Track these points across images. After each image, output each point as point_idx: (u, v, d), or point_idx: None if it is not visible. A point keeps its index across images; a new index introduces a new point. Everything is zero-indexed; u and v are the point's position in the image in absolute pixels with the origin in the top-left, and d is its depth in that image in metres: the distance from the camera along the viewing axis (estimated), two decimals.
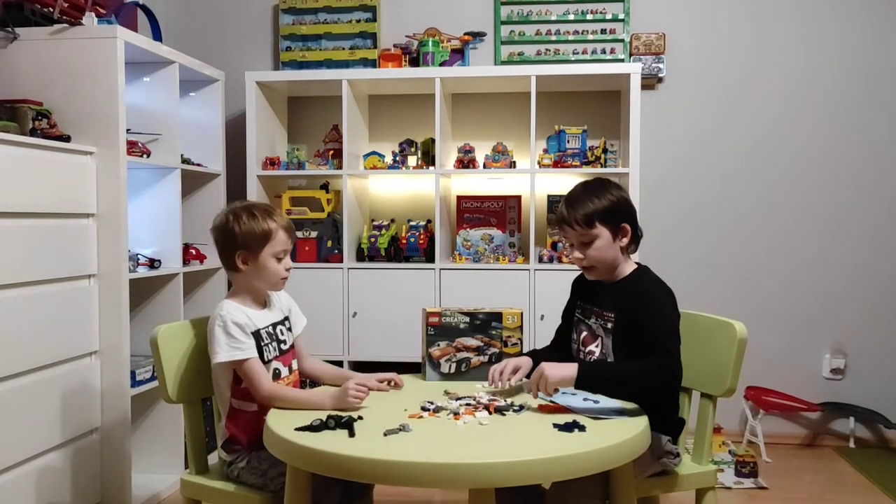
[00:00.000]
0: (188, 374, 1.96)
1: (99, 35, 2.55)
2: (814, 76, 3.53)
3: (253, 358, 1.86)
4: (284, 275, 1.96)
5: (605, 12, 3.59)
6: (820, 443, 3.56)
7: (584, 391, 1.82)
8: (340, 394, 1.78)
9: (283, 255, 1.95)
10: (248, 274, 1.94)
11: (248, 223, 1.91)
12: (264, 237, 1.91)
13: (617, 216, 1.90)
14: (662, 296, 1.87)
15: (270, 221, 1.92)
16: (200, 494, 1.91)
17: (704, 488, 1.95)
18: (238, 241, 1.91)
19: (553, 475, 1.48)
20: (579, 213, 1.88)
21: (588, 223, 1.88)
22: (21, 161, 2.22)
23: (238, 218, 1.92)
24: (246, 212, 1.93)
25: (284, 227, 1.95)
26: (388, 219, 3.52)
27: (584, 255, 1.91)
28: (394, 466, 1.43)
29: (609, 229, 1.89)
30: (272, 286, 1.99)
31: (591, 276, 1.97)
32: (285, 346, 2.00)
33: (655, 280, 1.92)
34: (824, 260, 3.56)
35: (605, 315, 1.94)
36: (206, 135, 3.29)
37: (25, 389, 2.23)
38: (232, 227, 1.92)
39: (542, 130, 3.40)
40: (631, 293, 1.89)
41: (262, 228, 1.91)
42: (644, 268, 1.97)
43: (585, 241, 1.90)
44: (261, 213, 1.94)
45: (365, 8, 3.64)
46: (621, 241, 1.91)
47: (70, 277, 2.45)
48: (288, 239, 1.96)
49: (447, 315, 2.14)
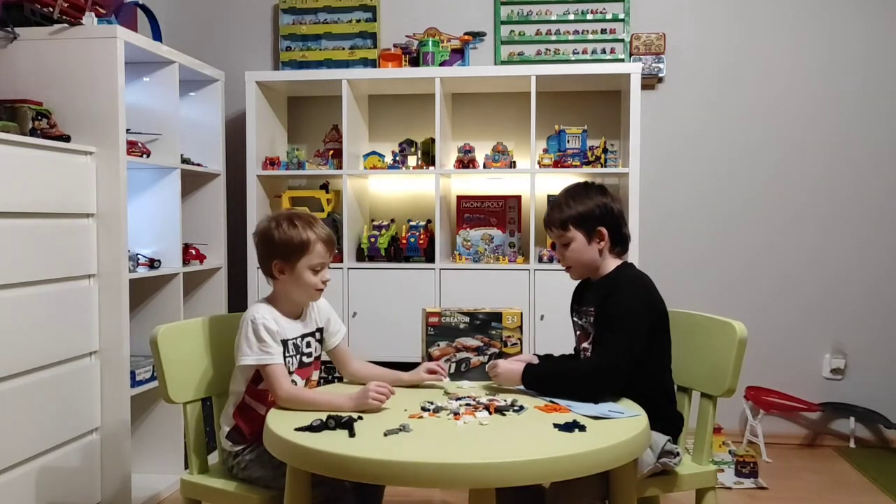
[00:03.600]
0: (188, 374, 1.96)
1: (99, 35, 2.55)
2: (813, 76, 3.53)
3: (278, 363, 1.86)
4: (320, 287, 1.94)
5: (605, 12, 3.59)
6: (820, 443, 3.56)
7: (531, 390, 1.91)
8: (360, 395, 1.77)
9: (319, 267, 1.93)
10: (285, 283, 1.93)
11: (288, 232, 1.90)
12: (301, 248, 1.89)
13: (592, 220, 1.98)
14: (632, 293, 1.92)
15: (310, 232, 1.90)
16: (200, 494, 1.91)
17: (704, 488, 1.95)
18: (276, 249, 1.91)
19: (553, 475, 1.48)
20: (555, 217, 2.01)
21: (562, 226, 2.00)
22: (21, 161, 2.22)
23: (279, 225, 1.91)
24: (287, 220, 1.92)
25: (324, 240, 1.93)
26: (388, 219, 3.52)
27: (563, 255, 2.04)
28: (394, 466, 1.43)
29: (583, 233, 1.99)
30: (308, 297, 1.97)
31: (572, 275, 2.09)
32: (308, 358, 1.99)
33: (632, 276, 1.99)
34: (824, 259, 3.56)
35: (588, 311, 2.01)
36: (205, 135, 3.29)
37: (25, 389, 2.23)
38: (272, 235, 1.91)
39: (542, 130, 3.40)
40: (608, 288, 1.96)
41: (301, 239, 1.89)
42: (626, 265, 2.04)
43: (563, 242, 2.02)
44: (302, 223, 1.91)
45: (365, 8, 3.64)
46: (599, 245, 1.99)
47: (70, 277, 2.45)
48: (326, 252, 1.93)
49: (447, 315, 2.14)
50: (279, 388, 1.82)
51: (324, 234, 1.93)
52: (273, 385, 1.83)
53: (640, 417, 1.70)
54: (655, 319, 1.92)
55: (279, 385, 1.82)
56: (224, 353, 2.07)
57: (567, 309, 2.17)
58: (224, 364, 2.06)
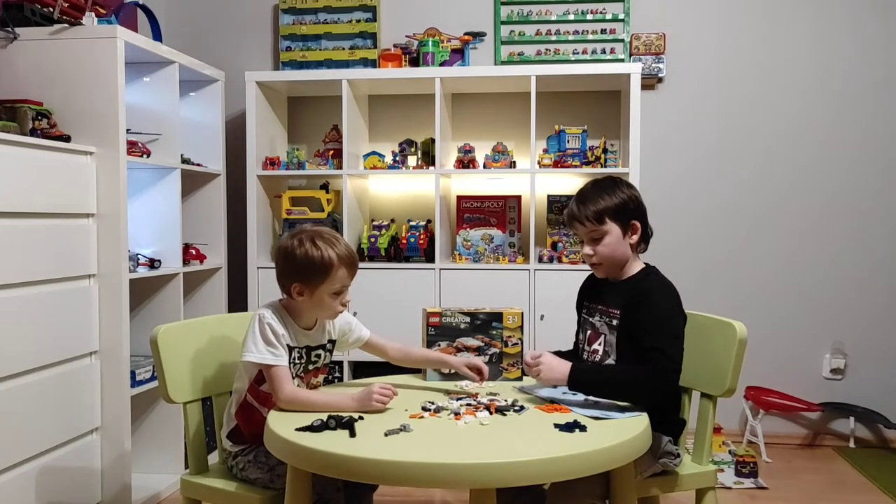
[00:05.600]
0: (188, 374, 1.96)
1: (99, 35, 2.54)
2: (813, 75, 3.53)
3: (282, 365, 1.83)
4: (340, 310, 1.90)
5: (605, 12, 3.59)
6: (820, 443, 3.56)
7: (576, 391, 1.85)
8: (364, 396, 1.75)
9: (340, 290, 1.87)
10: (304, 303, 1.87)
11: (310, 252, 1.81)
12: (323, 272, 1.82)
13: (627, 213, 1.91)
14: (667, 297, 1.88)
15: (332, 255, 1.82)
16: (200, 494, 1.91)
17: (704, 488, 1.95)
18: (296, 271, 1.84)
19: (554, 475, 1.48)
20: (590, 209, 1.90)
21: (598, 219, 1.90)
22: (21, 161, 2.22)
23: (301, 244, 1.83)
24: (311, 241, 1.83)
25: (347, 263, 1.85)
26: (388, 219, 3.52)
27: (594, 251, 1.92)
28: (395, 467, 1.43)
29: (619, 225, 1.90)
30: (327, 317, 1.94)
31: (600, 273, 1.98)
32: (312, 367, 1.97)
33: (662, 281, 1.92)
34: (825, 259, 3.56)
35: (610, 312, 1.94)
36: (205, 135, 3.29)
37: (25, 389, 2.23)
38: (293, 254, 1.83)
39: (542, 130, 3.40)
40: (637, 291, 1.89)
41: (323, 262, 1.81)
42: (652, 268, 1.97)
43: (596, 236, 1.91)
44: (325, 243, 1.83)
45: (365, 8, 3.64)
46: (631, 239, 1.92)
47: (70, 277, 2.44)
48: (348, 276, 1.86)
49: (448, 315, 2.14)
50: (280, 390, 1.80)
51: (347, 257, 1.85)
52: (274, 386, 1.82)
53: (641, 418, 1.70)
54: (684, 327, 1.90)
55: (281, 387, 1.81)
56: (224, 353, 2.07)
57: (567, 308, 2.16)
58: (224, 364, 2.06)
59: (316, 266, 1.82)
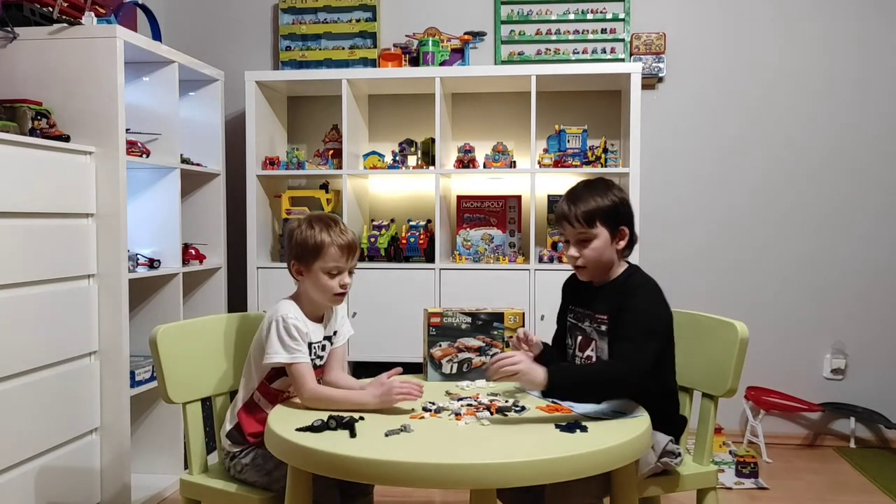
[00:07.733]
0: (188, 375, 1.96)
1: (98, 35, 2.54)
2: (813, 75, 3.53)
3: (306, 362, 1.85)
4: (338, 291, 1.91)
5: (605, 12, 3.59)
6: (820, 443, 3.56)
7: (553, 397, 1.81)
8: (384, 392, 1.75)
9: (335, 271, 1.89)
10: (305, 284, 1.93)
11: (305, 233, 1.89)
12: (315, 251, 1.88)
13: (618, 218, 1.89)
14: (648, 294, 1.86)
15: (325, 236, 1.88)
16: (200, 494, 1.91)
17: (705, 488, 1.95)
18: (293, 249, 1.91)
19: (554, 476, 1.48)
20: (581, 210, 1.87)
21: (589, 221, 1.87)
22: (20, 161, 2.22)
23: (299, 226, 1.92)
24: (308, 222, 1.92)
25: (340, 244, 1.88)
26: (388, 219, 3.52)
27: (580, 253, 1.89)
28: (395, 467, 1.42)
29: (608, 230, 1.88)
30: (328, 300, 1.95)
31: (583, 276, 1.96)
32: (320, 362, 1.97)
33: (644, 279, 1.92)
34: (825, 259, 3.55)
35: (598, 318, 1.92)
36: (205, 134, 3.28)
37: (25, 389, 2.23)
38: (292, 235, 1.92)
39: (542, 130, 3.39)
40: (621, 293, 1.88)
41: (315, 241, 1.88)
42: (634, 267, 1.97)
43: (583, 238, 1.88)
44: (321, 226, 1.90)
45: (365, 7, 3.64)
46: (618, 244, 1.90)
47: (70, 277, 2.44)
48: (342, 256, 1.89)
49: (448, 315, 2.13)
50: (304, 386, 1.81)
51: (341, 238, 1.89)
52: (299, 383, 1.82)
53: (642, 418, 1.70)
54: (668, 324, 1.90)
55: (305, 383, 1.81)
56: (224, 353, 2.07)
57: None
58: (224, 364, 2.06)
59: (309, 245, 1.88)
